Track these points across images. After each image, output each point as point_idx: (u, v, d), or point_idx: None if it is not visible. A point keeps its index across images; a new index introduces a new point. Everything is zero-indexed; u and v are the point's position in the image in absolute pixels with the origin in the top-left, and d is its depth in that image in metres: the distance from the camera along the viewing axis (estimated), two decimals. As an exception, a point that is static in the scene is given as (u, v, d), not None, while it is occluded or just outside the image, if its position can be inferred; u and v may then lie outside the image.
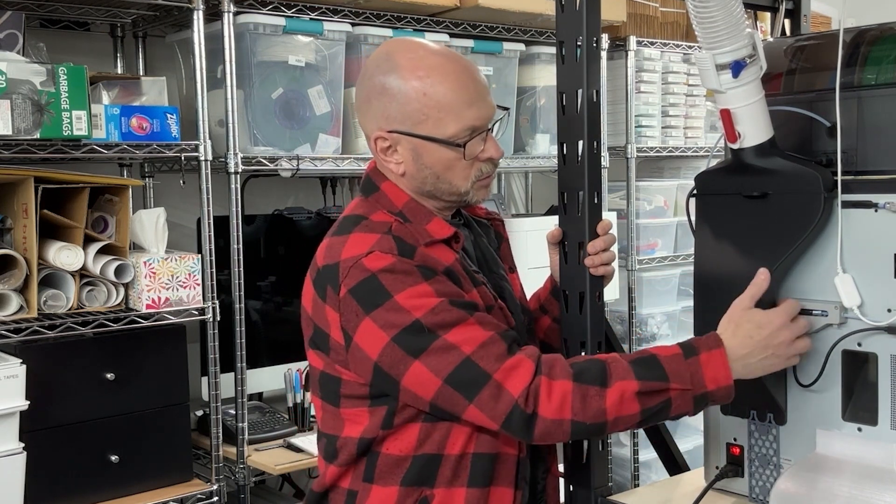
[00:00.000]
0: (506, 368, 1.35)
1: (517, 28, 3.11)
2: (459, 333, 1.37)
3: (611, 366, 1.37)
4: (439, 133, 1.46)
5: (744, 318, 1.42)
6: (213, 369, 2.47)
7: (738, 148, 1.51)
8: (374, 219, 1.48)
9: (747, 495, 1.62)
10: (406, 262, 1.40)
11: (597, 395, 1.35)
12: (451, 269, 1.45)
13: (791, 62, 1.60)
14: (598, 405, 1.34)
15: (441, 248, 1.48)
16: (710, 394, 1.39)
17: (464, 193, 1.51)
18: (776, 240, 1.49)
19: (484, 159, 1.50)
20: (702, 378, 1.38)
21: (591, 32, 1.54)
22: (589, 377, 1.36)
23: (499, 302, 1.51)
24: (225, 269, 2.51)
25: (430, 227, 1.48)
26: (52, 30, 2.63)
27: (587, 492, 1.60)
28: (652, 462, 3.53)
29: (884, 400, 1.43)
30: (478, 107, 1.47)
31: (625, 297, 3.47)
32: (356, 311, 1.40)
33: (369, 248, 1.41)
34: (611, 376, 1.36)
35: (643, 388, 1.35)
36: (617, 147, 3.45)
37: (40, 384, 2.15)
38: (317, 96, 2.65)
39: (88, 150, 2.23)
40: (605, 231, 1.58)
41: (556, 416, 1.34)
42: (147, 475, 2.37)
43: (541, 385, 1.35)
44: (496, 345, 1.37)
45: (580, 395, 1.34)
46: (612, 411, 1.35)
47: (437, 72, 1.46)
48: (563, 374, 1.36)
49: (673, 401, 1.37)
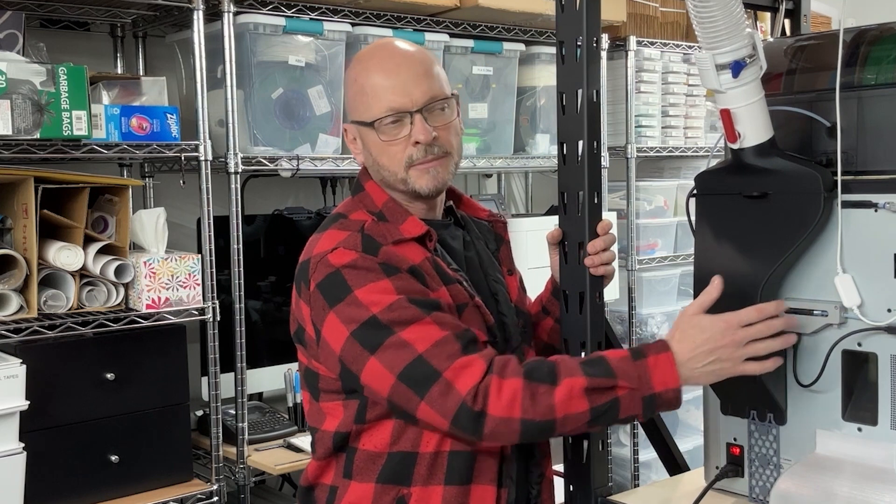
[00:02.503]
0: (456, 367, 1.36)
1: (517, 28, 3.11)
2: (414, 331, 1.38)
3: (560, 365, 1.39)
4: (366, 116, 1.51)
5: (689, 324, 1.42)
6: (213, 369, 2.47)
7: (738, 148, 1.51)
8: (353, 217, 1.52)
9: (747, 495, 1.62)
10: (368, 259, 1.43)
11: (546, 393, 1.35)
12: (416, 267, 1.46)
13: (791, 62, 1.60)
14: (546, 402, 1.35)
15: (411, 246, 1.49)
16: (658, 395, 1.38)
17: (402, 180, 1.52)
18: (776, 240, 1.49)
19: (412, 143, 1.50)
20: (649, 379, 1.38)
21: (591, 32, 1.54)
22: (538, 375, 1.37)
23: (475, 300, 1.51)
24: (225, 269, 2.51)
25: (404, 227, 1.50)
26: (52, 30, 2.63)
27: (587, 492, 1.60)
28: (652, 462, 3.53)
29: (884, 400, 1.43)
30: (400, 89, 1.49)
31: (625, 297, 3.47)
32: (323, 306, 1.43)
33: (335, 244, 1.46)
34: (559, 374, 1.37)
35: (591, 384, 1.36)
36: (617, 147, 3.45)
37: (40, 384, 2.15)
38: (317, 96, 2.65)
39: (88, 150, 2.23)
40: (605, 231, 1.58)
41: (505, 413, 1.35)
42: (147, 475, 2.36)
43: (491, 383, 1.36)
44: (450, 344, 1.38)
45: (530, 393, 1.35)
46: (560, 408, 1.35)
47: (369, 61, 1.54)
48: (514, 372, 1.37)
49: (621, 400, 1.37)
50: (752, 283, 1.50)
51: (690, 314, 1.43)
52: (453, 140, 1.55)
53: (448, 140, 1.53)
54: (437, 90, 1.52)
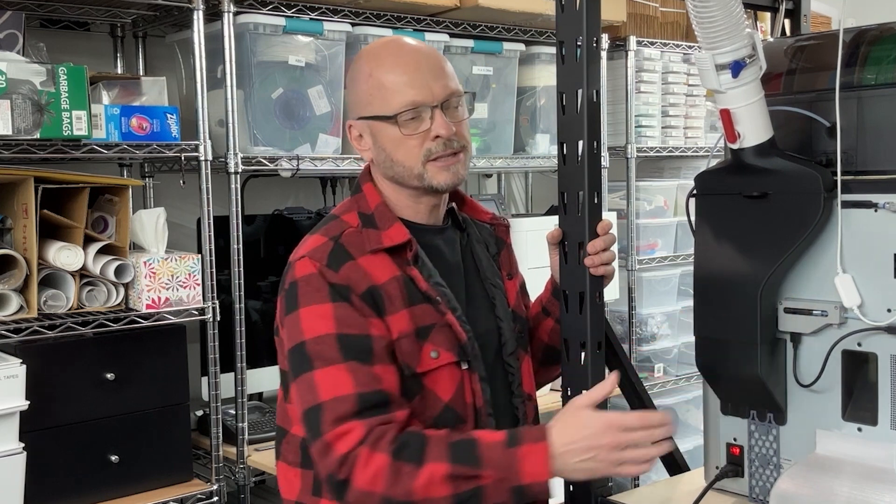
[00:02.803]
0: (337, 433, 1.36)
1: (517, 28, 3.11)
2: (326, 375, 1.39)
3: (430, 444, 1.36)
4: (384, 110, 1.50)
5: (572, 417, 1.38)
6: (213, 369, 2.47)
7: (738, 148, 1.51)
8: (344, 218, 1.53)
9: (747, 495, 1.62)
10: (322, 278, 1.44)
11: (409, 474, 1.33)
12: (377, 288, 1.45)
13: (791, 62, 1.60)
14: (407, 484, 1.34)
15: (384, 260, 1.48)
16: (526, 487, 1.35)
17: (418, 175, 1.51)
18: (776, 240, 1.49)
19: (432, 138, 1.50)
20: (519, 470, 1.34)
21: (591, 32, 1.54)
22: (407, 454, 1.35)
23: (447, 317, 1.48)
24: (225, 269, 2.51)
25: (387, 233, 1.49)
26: (52, 30, 2.63)
27: (587, 492, 1.59)
28: (652, 462, 3.53)
29: (884, 400, 1.43)
30: (421, 85, 1.49)
31: (625, 297, 3.46)
32: (282, 311, 1.49)
33: (307, 251, 1.48)
34: (426, 456, 1.34)
35: (454, 471, 1.33)
36: (617, 147, 3.45)
37: (40, 384, 2.15)
38: (317, 96, 2.65)
39: (88, 150, 2.23)
40: (605, 231, 1.58)
41: (368, 487, 1.35)
42: (147, 475, 2.36)
43: (360, 455, 1.35)
44: (346, 404, 1.37)
45: (394, 471, 1.34)
46: (420, 492, 1.33)
47: (383, 56, 1.53)
48: (385, 448, 1.35)
49: (486, 489, 1.34)
50: (752, 283, 1.50)
51: (576, 406, 1.39)
52: (468, 135, 1.56)
53: (463, 135, 1.54)
54: (453, 87, 1.53)
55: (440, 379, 1.47)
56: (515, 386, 1.60)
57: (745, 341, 1.52)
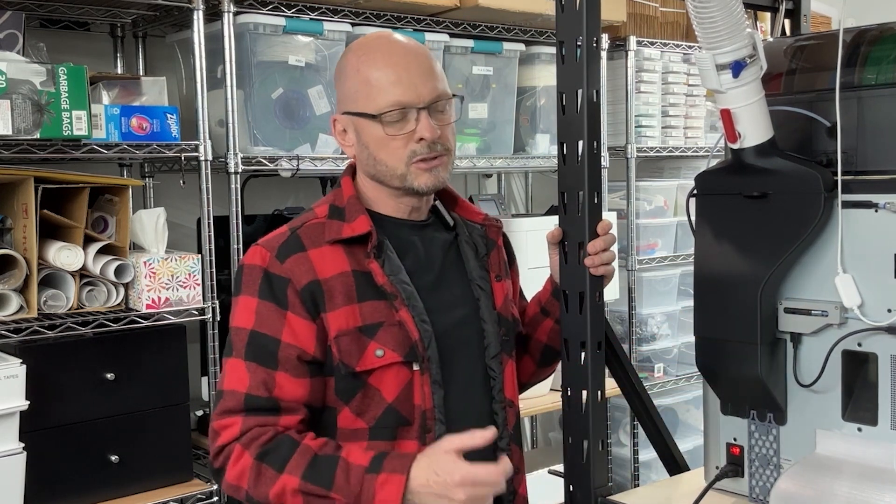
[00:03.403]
0: (221, 423, 1.44)
1: (517, 28, 3.11)
2: (233, 366, 1.46)
3: (295, 454, 1.39)
4: (369, 108, 1.49)
5: (437, 458, 1.37)
6: (213, 369, 2.47)
7: (738, 148, 1.51)
8: (316, 210, 1.55)
9: (747, 495, 1.62)
10: (260, 270, 1.47)
11: (268, 480, 1.39)
12: (318, 283, 1.45)
13: (791, 62, 1.60)
14: (265, 488, 1.39)
15: (338, 254, 1.48)
16: None
17: (401, 176, 1.50)
18: (776, 240, 1.49)
19: (416, 140, 1.49)
20: (372, 497, 1.35)
21: (591, 32, 1.54)
22: (271, 458, 1.40)
23: (399, 314, 1.46)
24: (225, 269, 2.51)
25: (350, 225, 1.50)
26: (52, 30, 2.63)
27: (587, 492, 1.59)
28: (652, 462, 3.53)
29: (884, 400, 1.43)
30: (409, 86, 1.48)
31: (625, 297, 3.46)
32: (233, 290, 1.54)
33: (264, 239, 1.51)
34: (286, 465, 1.39)
35: (303, 488, 1.37)
36: (617, 147, 3.45)
37: (40, 384, 2.15)
38: (317, 96, 2.65)
39: (88, 150, 2.23)
40: (605, 231, 1.57)
41: (235, 482, 1.42)
42: (147, 475, 2.36)
43: (233, 451, 1.42)
44: (235, 399, 1.44)
45: (256, 473, 1.40)
46: (273, 500, 1.39)
47: (372, 51, 1.51)
48: (254, 449, 1.41)
49: None
50: (753, 283, 1.50)
51: (444, 449, 1.37)
52: (452, 139, 1.55)
53: (448, 139, 1.53)
54: (441, 89, 1.51)
55: (385, 378, 1.46)
56: (497, 391, 1.57)
57: (745, 341, 1.52)
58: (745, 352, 1.51)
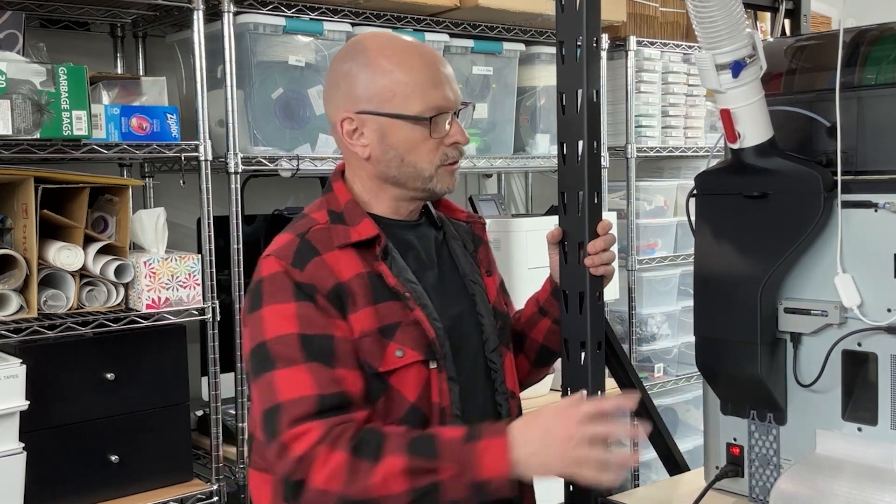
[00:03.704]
0: (293, 433, 1.35)
1: (517, 28, 3.11)
2: (286, 376, 1.38)
3: (388, 440, 1.35)
4: (406, 110, 1.48)
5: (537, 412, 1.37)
6: (213, 369, 2.47)
7: (738, 148, 1.51)
8: (313, 216, 1.52)
9: (747, 495, 1.62)
10: (287, 277, 1.42)
11: (367, 470, 1.32)
12: (342, 285, 1.43)
13: (791, 62, 1.60)
14: (365, 481, 1.32)
15: (350, 256, 1.46)
16: (486, 482, 1.32)
17: (427, 178, 1.50)
18: (776, 240, 1.49)
19: (449, 143, 1.50)
20: (477, 465, 1.32)
21: (591, 32, 1.54)
22: (364, 451, 1.33)
23: (414, 314, 1.46)
24: (225, 269, 2.51)
25: (356, 229, 1.48)
26: (52, 30, 2.63)
27: (587, 492, 1.59)
28: (652, 462, 3.53)
29: (884, 400, 1.43)
30: (444, 89, 1.49)
31: (625, 297, 3.46)
32: (245, 309, 1.47)
33: (274, 249, 1.47)
34: (384, 451, 1.33)
35: (411, 465, 1.32)
36: (617, 147, 3.45)
37: (40, 384, 2.15)
38: (317, 96, 2.65)
39: (88, 150, 2.23)
40: (605, 231, 1.58)
41: (324, 486, 1.33)
42: (147, 475, 2.36)
43: (318, 454, 1.33)
44: (305, 405, 1.36)
45: (351, 469, 1.32)
46: (378, 488, 1.32)
47: (404, 53, 1.50)
48: (344, 445, 1.33)
49: (443, 483, 1.32)
50: (752, 283, 1.50)
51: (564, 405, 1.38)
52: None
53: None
54: (460, 94, 1.54)
55: (406, 378, 1.45)
56: (499, 383, 1.59)
57: (745, 341, 1.52)
58: (745, 352, 1.51)
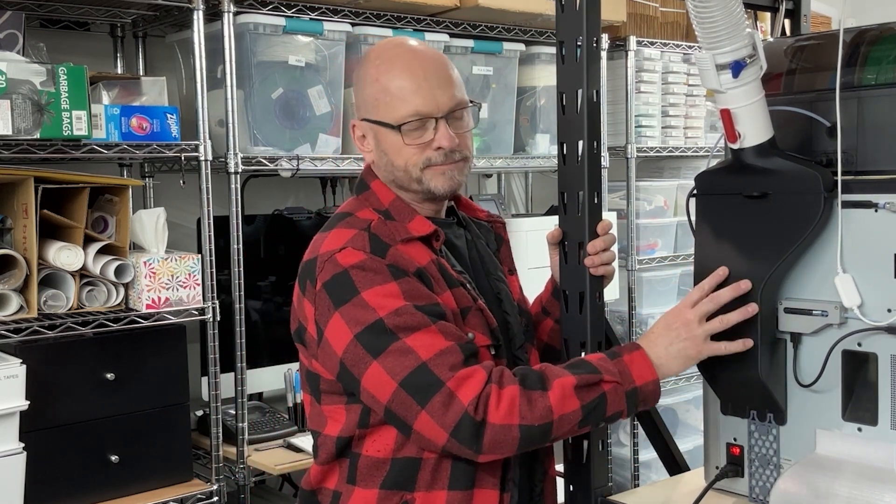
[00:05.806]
0: (459, 377, 1.37)
1: (517, 28, 3.11)
2: (419, 338, 1.38)
3: (547, 370, 1.43)
4: (388, 117, 1.50)
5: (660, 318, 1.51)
6: (213, 369, 2.47)
7: (738, 148, 1.51)
8: (359, 215, 1.52)
9: (747, 495, 1.62)
10: (377, 261, 1.43)
11: (541, 397, 1.38)
12: (423, 270, 1.46)
13: (791, 62, 1.60)
14: (543, 404, 1.37)
15: (418, 246, 1.49)
16: (639, 389, 1.43)
17: (416, 180, 1.51)
18: (776, 240, 1.49)
19: (434, 148, 1.50)
20: (629, 374, 1.43)
21: (591, 32, 1.54)
22: (531, 382, 1.40)
23: (478, 303, 1.51)
24: (225, 269, 2.51)
25: (411, 225, 1.50)
26: (52, 30, 2.63)
27: (587, 492, 1.60)
28: (652, 462, 3.53)
29: (884, 400, 1.43)
30: (428, 95, 1.49)
31: (625, 297, 3.46)
32: (328, 306, 1.43)
33: (343, 243, 1.45)
34: (549, 378, 1.41)
35: (580, 381, 1.40)
36: (617, 147, 3.45)
37: (40, 384, 2.15)
38: (317, 96, 2.65)
39: (88, 150, 2.23)
40: (605, 231, 1.58)
41: (505, 420, 1.36)
42: (147, 475, 2.36)
43: (491, 393, 1.37)
44: (453, 354, 1.38)
45: (527, 399, 1.37)
46: (556, 409, 1.38)
47: (391, 60, 1.52)
48: (510, 381, 1.39)
49: (607, 395, 1.41)
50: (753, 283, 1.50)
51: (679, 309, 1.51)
52: (470, 145, 1.57)
53: (466, 145, 1.55)
54: (459, 98, 1.53)
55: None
56: None
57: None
58: (745, 352, 1.51)
